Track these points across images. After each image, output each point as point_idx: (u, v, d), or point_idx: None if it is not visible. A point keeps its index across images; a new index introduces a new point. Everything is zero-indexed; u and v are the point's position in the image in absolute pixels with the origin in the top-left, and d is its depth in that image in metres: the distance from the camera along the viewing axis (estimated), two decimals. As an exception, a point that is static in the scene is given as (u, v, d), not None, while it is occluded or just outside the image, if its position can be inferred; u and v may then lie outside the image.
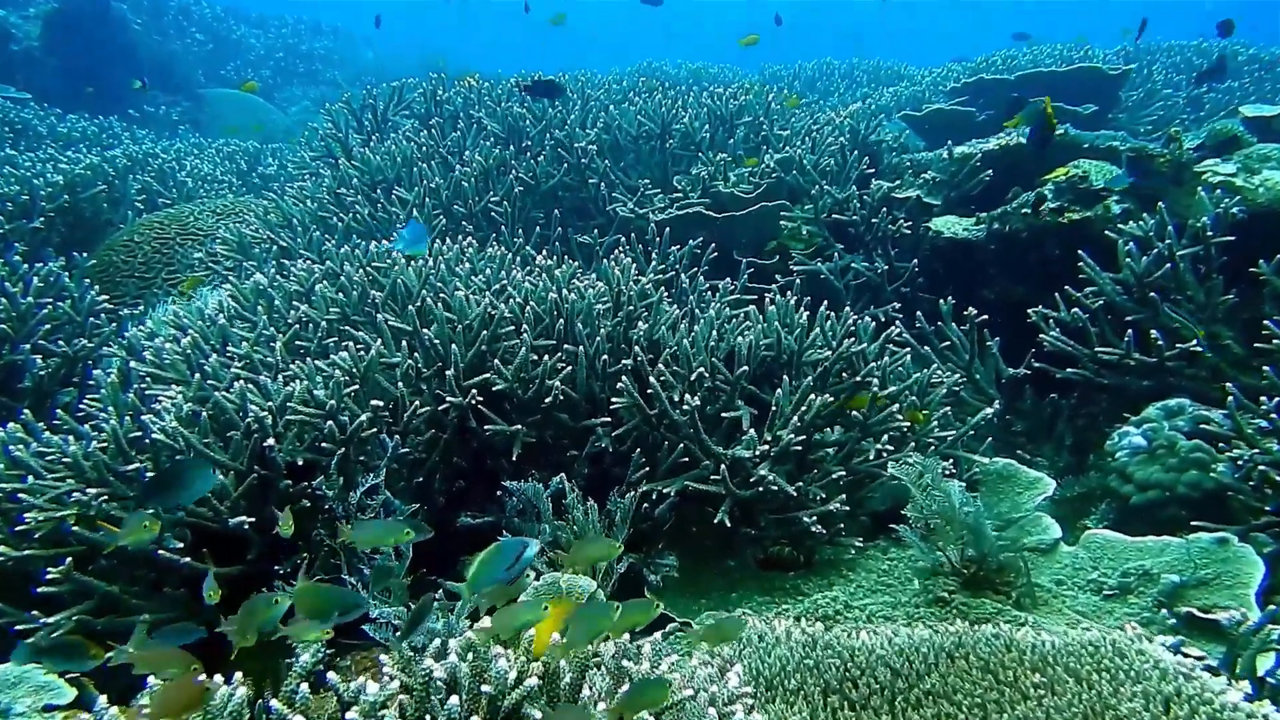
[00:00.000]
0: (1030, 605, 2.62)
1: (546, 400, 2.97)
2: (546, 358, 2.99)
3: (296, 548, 2.72)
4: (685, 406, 2.90)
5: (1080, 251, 3.70)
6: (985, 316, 3.67)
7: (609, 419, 3.06)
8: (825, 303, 3.37)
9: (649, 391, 2.95)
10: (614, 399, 3.00)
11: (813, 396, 2.98)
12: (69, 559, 2.44)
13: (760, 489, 2.86)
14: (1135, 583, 2.69)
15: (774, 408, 3.02)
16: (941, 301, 3.82)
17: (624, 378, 2.98)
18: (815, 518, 2.91)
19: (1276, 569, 2.67)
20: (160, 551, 2.48)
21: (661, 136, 5.11)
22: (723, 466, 2.86)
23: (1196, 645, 2.37)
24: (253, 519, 2.56)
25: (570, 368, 3.02)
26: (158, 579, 2.60)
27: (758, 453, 2.89)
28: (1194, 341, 3.30)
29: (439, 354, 3.02)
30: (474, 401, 2.94)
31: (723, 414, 3.06)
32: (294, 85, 13.11)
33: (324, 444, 2.69)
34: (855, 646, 2.10)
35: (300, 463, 2.69)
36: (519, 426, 2.97)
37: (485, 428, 2.97)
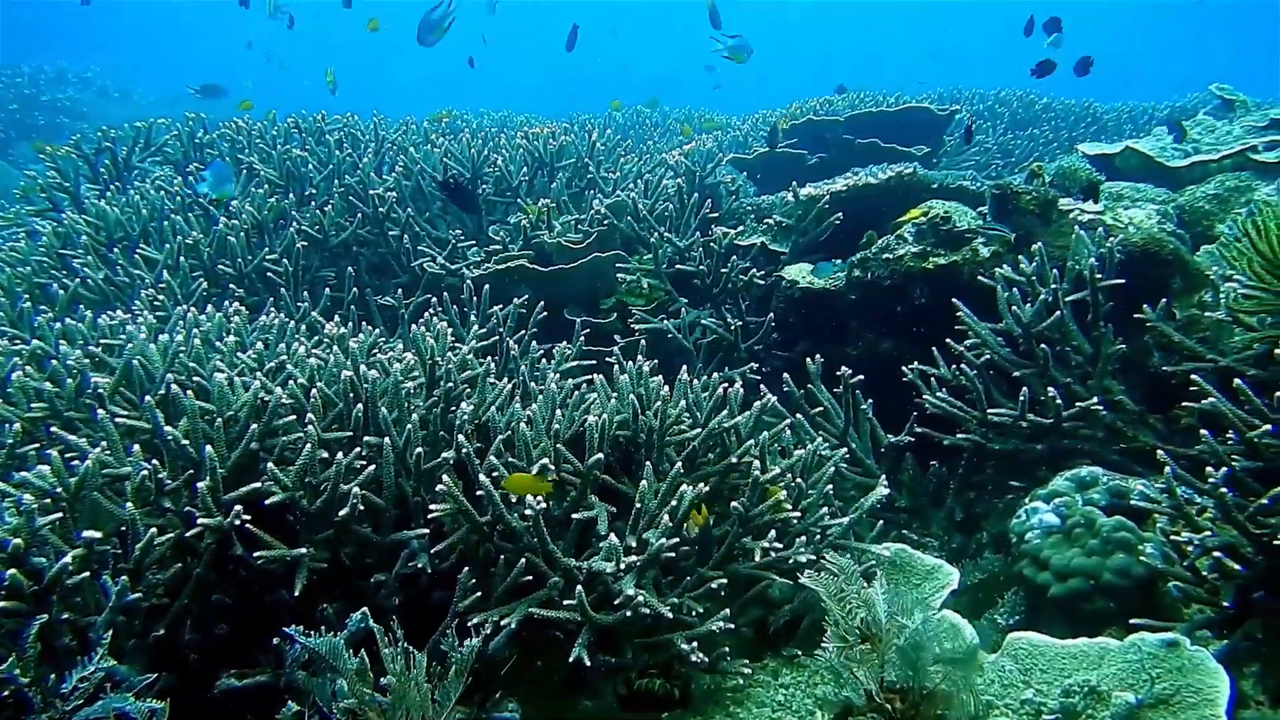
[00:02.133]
0: (975, 745, 2.09)
1: (342, 511, 2.26)
2: (341, 454, 2.31)
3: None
4: (527, 511, 2.24)
5: (955, 300, 3.29)
6: (860, 377, 3.19)
7: (426, 530, 2.40)
8: (684, 367, 2.82)
9: (478, 492, 2.29)
10: (433, 503, 2.36)
11: (684, 486, 2.38)
12: None
13: (627, 612, 2.22)
14: (1081, 703, 2.20)
15: (637, 504, 2.40)
16: (809, 361, 3.33)
17: (445, 475, 2.33)
18: (695, 642, 2.30)
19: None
20: None
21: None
22: (577, 587, 2.22)
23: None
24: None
25: (373, 466, 2.33)
26: None
27: (623, 564, 2.25)
28: (1094, 399, 2.93)
29: (189, 458, 2.24)
30: (239, 521, 2.18)
31: (573, 514, 2.42)
32: (33, 140, 11.45)
33: (6, 602, 1.86)
34: None
35: (-31, 633, 1.85)
36: (304, 550, 2.23)
37: (256, 554, 2.21)
